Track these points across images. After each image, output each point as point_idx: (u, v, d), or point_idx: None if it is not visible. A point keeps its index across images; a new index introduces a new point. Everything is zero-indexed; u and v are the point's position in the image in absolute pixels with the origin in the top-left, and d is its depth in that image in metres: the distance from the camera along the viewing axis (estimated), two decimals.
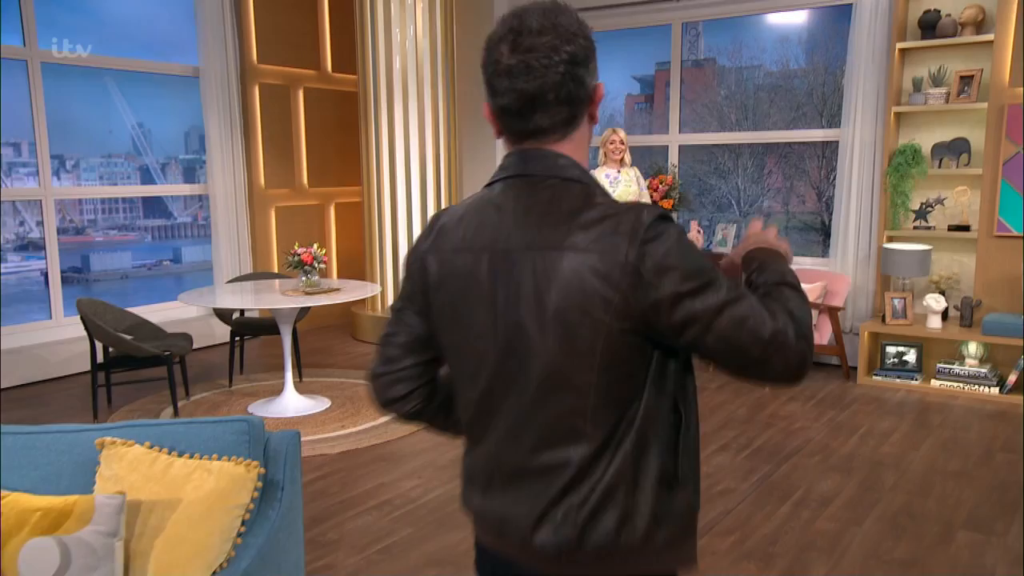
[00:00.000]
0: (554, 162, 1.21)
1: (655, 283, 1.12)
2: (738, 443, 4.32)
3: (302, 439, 4.35)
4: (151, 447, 1.93)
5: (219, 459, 1.91)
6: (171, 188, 6.85)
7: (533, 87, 1.16)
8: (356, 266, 7.52)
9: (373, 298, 6.87)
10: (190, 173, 6.93)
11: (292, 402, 4.93)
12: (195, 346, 5.44)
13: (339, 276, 7.63)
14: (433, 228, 1.30)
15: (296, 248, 4.86)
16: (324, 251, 4.93)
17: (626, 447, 1.18)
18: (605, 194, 1.21)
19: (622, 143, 5.68)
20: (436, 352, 1.33)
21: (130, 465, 1.87)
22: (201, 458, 1.93)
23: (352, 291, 4.94)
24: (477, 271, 1.22)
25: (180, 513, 1.80)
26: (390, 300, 6.85)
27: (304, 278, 4.85)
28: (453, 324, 1.26)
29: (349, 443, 4.35)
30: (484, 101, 1.25)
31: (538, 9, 1.18)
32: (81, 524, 1.70)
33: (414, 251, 1.31)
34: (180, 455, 1.94)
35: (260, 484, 1.93)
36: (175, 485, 1.84)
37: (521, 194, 1.21)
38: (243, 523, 1.88)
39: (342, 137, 7.56)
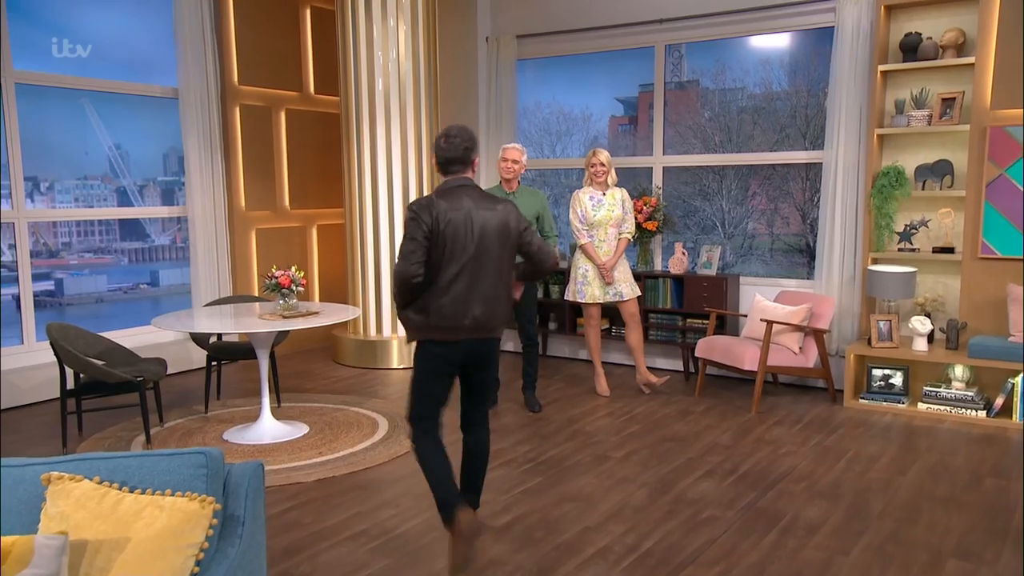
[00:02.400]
0: (470, 180, 3.13)
1: (524, 226, 3.15)
2: (723, 469, 4.24)
3: (277, 467, 4.27)
4: (101, 482, 1.83)
5: (172, 494, 1.82)
6: (149, 210, 6.74)
7: (449, 155, 3.09)
8: (339, 288, 7.42)
9: (355, 321, 6.76)
10: (168, 195, 6.82)
11: (269, 428, 4.81)
12: (171, 371, 5.32)
13: (321, 299, 7.52)
14: (435, 203, 2.98)
15: (273, 271, 4.76)
16: (303, 274, 4.83)
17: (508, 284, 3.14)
18: (487, 191, 3.34)
19: (603, 165, 5.52)
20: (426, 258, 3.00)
21: (77, 502, 1.77)
22: (154, 493, 1.83)
23: (331, 315, 4.84)
24: (462, 219, 2.98)
25: (128, 553, 1.71)
26: (372, 323, 6.76)
27: (282, 301, 4.76)
28: (450, 244, 2.96)
29: (326, 471, 4.24)
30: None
31: (458, 127, 3.13)
32: (19, 567, 1.60)
33: (430, 212, 2.95)
34: (132, 490, 1.84)
35: (216, 521, 1.83)
36: (124, 523, 1.74)
37: (467, 191, 3.07)
38: (197, 563, 1.78)
39: (324, 159, 7.49)
